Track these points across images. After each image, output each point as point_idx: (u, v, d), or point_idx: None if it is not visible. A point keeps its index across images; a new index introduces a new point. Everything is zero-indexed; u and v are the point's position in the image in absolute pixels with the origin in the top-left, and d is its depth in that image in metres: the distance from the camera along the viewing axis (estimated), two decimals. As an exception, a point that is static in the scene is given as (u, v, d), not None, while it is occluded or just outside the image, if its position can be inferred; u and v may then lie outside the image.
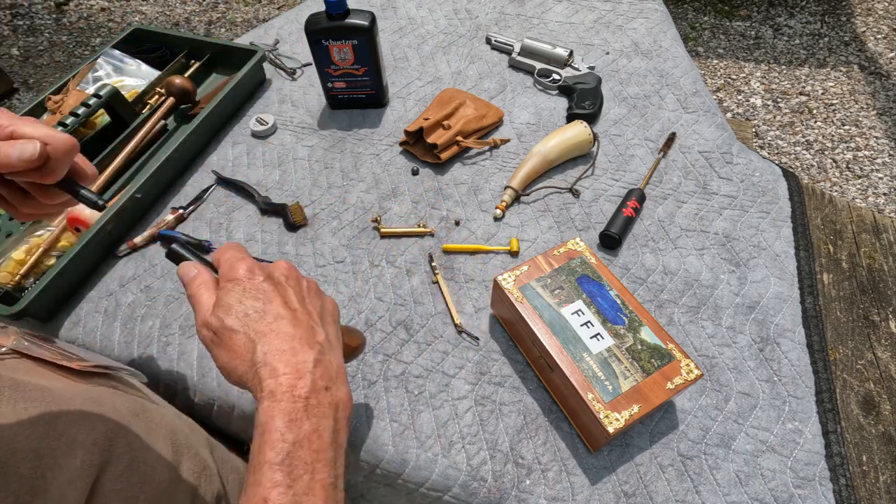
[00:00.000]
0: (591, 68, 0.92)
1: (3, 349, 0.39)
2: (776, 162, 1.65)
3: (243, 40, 1.05)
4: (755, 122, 2.02)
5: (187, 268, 0.40)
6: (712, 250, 0.71)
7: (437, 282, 0.68)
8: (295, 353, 0.35)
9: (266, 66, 0.99)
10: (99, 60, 0.91)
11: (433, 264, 0.69)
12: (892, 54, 2.22)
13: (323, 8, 0.77)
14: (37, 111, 0.86)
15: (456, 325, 0.64)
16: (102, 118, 0.86)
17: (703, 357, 0.61)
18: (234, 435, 0.63)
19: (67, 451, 0.35)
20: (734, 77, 2.19)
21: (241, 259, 0.39)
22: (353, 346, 0.49)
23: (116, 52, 0.93)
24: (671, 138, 0.83)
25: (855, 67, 2.19)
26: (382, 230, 0.73)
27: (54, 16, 2.62)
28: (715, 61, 2.26)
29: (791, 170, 1.66)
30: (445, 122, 0.82)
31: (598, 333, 0.54)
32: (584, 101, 0.87)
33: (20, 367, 0.38)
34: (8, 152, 0.33)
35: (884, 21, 2.39)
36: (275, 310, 0.37)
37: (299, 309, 0.38)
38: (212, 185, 0.81)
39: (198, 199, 0.79)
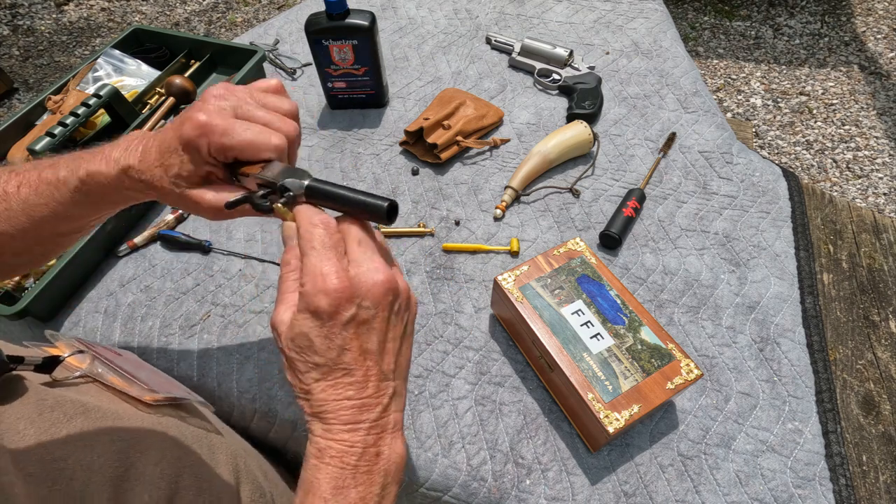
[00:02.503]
0: (591, 68, 0.92)
1: (77, 374, 0.38)
2: (776, 162, 1.65)
3: (243, 40, 1.05)
4: (755, 122, 2.02)
5: (289, 232, 0.36)
6: (712, 250, 0.71)
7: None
8: (353, 415, 0.33)
9: (266, 66, 0.99)
10: (99, 60, 0.91)
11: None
12: (892, 54, 2.22)
13: (323, 8, 0.77)
14: (37, 111, 0.86)
15: None
16: (102, 118, 0.86)
17: (703, 357, 0.61)
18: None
19: (136, 485, 0.35)
20: (734, 77, 2.19)
21: (329, 264, 0.33)
22: None
23: (116, 52, 0.93)
24: (671, 138, 0.83)
25: (855, 67, 2.19)
26: (382, 230, 0.73)
27: (54, 16, 2.62)
28: (715, 61, 2.26)
29: (791, 170, 1.66)
30: (445, 122, 0.82)
31: (598, 333, 0.54)
32: (584, 101, 0.87)
33: (91, 390, 0.38)
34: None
35: (884, 21, 2.39)
36: (347, 361, 0.33)
37: (375, 356, 0.34)
38: (212, 185, 0.81)
39: (198, 199, 0.79)
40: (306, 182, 0.37)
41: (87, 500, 0.32)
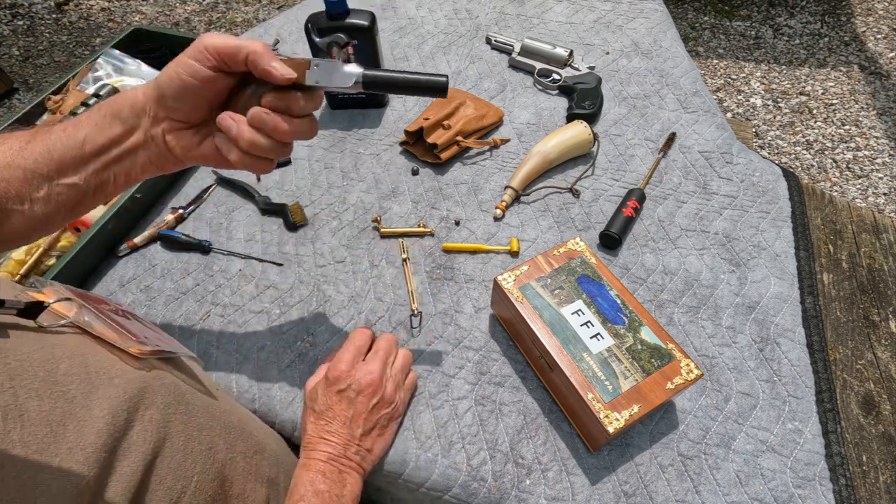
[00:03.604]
0: (591, 68, 0.92)
1: (63, 322, 0.37)
2: (776, 162, 1.65)
3: (243, 40, 1.04)
4: (755, 122, 2.02)
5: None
6: (712, 250, 0.71)
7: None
8: (324, 448, 0.50)
9: (266, 66, 0.99)
10: (99, 60, 0.91)
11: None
12: (892, 54, 2.22)
13: (323, 8, 0.77)
14: (37, 111, 0.86)
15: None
16: (102, 118, 0.86)
17: (703, 357, 0.61)
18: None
19: (126, 427, 0.35)
20: (734, 77, 2.19)
21: (347, 356, 0.54)
22: None
23: (116, 52, 0.93)
24: (671, 138, 0.83)
25: (855, 67, 2.19)
26: (382, 230, 0.73)
27: (54, 16, 2.62)
28: (715, 61, 2.26)
29: (791, 170, 1.66)
30: (445, 122, 0.82)
31: (598, 333, 0.54)
32: (584, 101, 0.87)
33: (80, 343, 0.37)
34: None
35: (884, 21, 2.39)
36: (329, 416, 0.51)
37: (347, 422, 0.51)
38: (212, 185, 0.81)
39: (198, 199, 0.79)
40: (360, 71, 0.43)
41: (83, 441, 0.31)
